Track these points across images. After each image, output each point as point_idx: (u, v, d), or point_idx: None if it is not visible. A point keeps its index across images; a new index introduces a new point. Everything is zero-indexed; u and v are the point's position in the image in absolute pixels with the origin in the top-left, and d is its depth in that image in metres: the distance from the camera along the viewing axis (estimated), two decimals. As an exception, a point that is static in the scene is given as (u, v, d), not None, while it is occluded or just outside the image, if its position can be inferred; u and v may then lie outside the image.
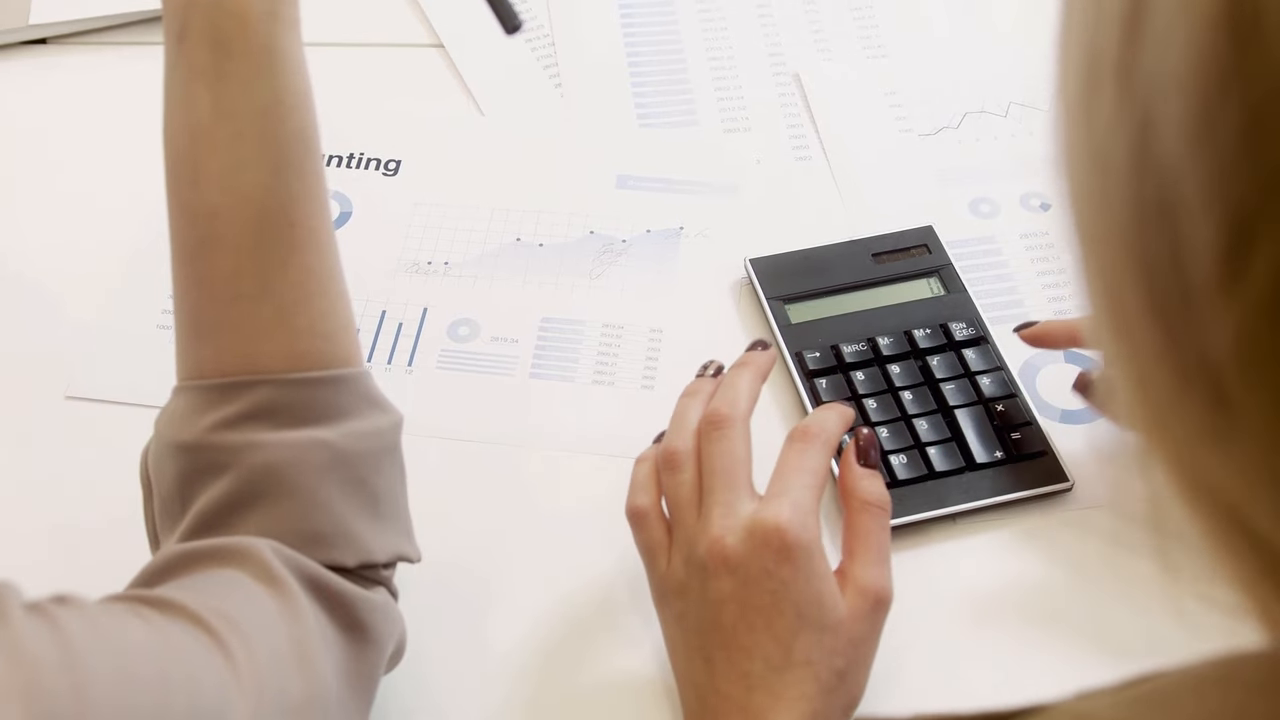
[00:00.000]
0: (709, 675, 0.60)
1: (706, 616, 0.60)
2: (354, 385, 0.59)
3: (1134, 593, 0.70)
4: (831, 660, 0.59)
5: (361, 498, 0.57)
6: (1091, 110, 0.30)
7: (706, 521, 0.61)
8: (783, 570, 0.59)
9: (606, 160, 0.93)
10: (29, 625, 0.43)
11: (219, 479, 0.56)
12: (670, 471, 0.64)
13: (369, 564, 0.58)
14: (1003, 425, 0.75)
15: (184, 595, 0.50)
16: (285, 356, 0.57)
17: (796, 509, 0.60)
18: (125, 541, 0.70)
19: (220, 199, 0.56)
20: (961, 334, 0.79)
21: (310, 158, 0.58)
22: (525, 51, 1.01)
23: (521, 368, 0.81)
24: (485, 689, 0.68)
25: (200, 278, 0.57)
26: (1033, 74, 0.98)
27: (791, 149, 0.95)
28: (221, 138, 0.56)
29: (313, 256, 0.58)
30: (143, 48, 1.02)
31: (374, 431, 0.59)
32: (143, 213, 0.89)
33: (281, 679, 0.50)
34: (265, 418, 0.56)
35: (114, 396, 0.80)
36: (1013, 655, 0.68)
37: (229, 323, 0.57)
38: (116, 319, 0.83)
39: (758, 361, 0.68)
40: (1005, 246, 0.88)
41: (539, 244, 0.88)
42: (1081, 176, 0.31)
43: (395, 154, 0.93)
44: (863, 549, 0.62)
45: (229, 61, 0.56)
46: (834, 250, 0.85)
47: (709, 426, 0.64)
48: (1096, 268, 0.31)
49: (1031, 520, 0.73)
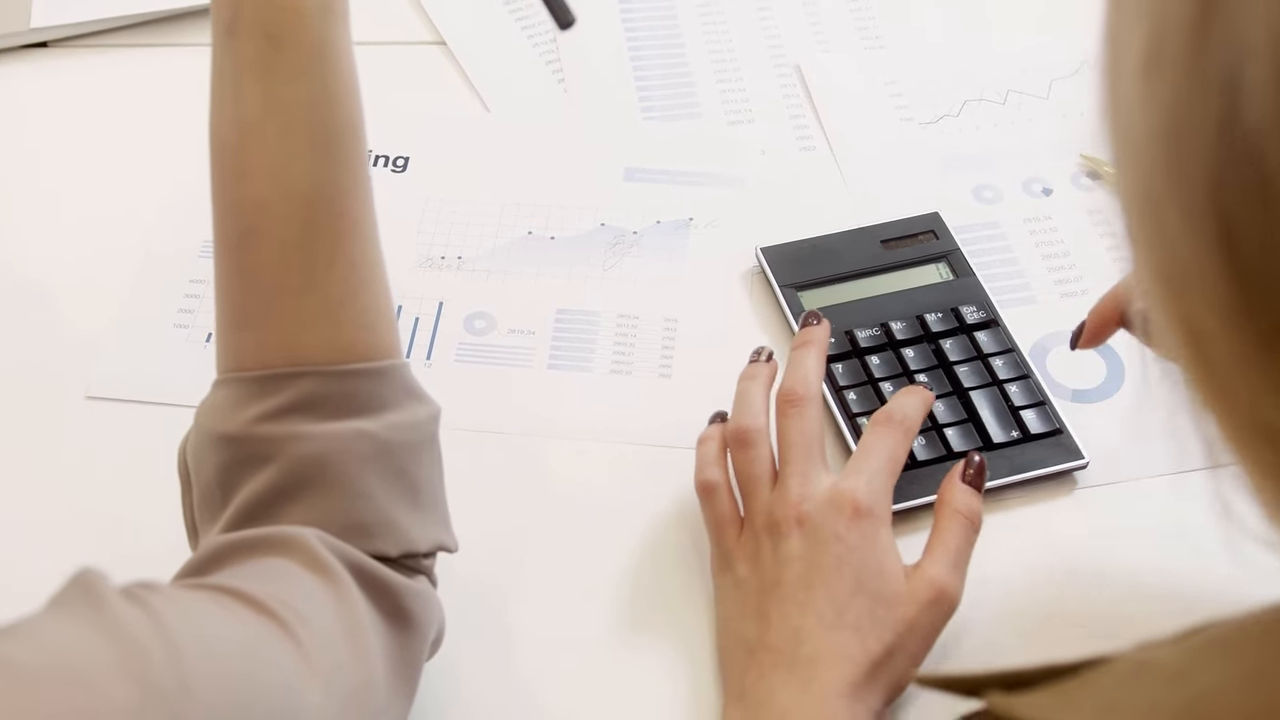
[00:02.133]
0: (761, 630, 0.63)
1: (771, 575, 0.64)
2: (395, 377, 0.59)
3: (1151, 567, 0.71)
4: (881, 632, 0.61)
5: (402, 488, 0.58)
6: (1157, 82, 0.31)
7: (784, 490, 0.65)
8: (851, 535, 0.63)
9: (613, 153, 0.94)
10: (127, 609, 0.43)
11: (263, 470, 0.56)
12: (743, 448, 0.68)
13: (411, 553, 0.58)
14: (1016, 406, 0.76)
15: (247, 583, 0.50)
16: (329, 348, 0.57)
17: (872, 484, 0.65)
18: (151, 538, 0.70)
19: (268, 192, 0.56)
20: (972, 317, 0.80)
21: (358, 150, 0.59)
22: (528, 48, 1.02)
23: (539, 359, 0.82)
24: (512, 677, 0.68)
25: (245, 270, 0.58)
26: (1029, 62, 1.00)
27: (795, 139, 0.96)
28: (271, 131, 0.56)
29: (358, 249, 0.58)
30: (146, 49, 1.02)
31: (414, 423, 0.59)
32: (151, 213, 0.90)
33: (340, 665, 0.51)
34: (309, 409, 0.56)
35: (134, 395, 0.80)
36: (1032, 634, 0.69)
37: (273, 315, 0.57)
38: (133, 319, 0.84)
39: (819, 339, 0.72)
40: (1009, 231, 0.89)
41: (551, 237, 0.89)
42: (1145, 146, 0.32)
43: (403, 151, 0.94)
44: (941, 550, 0.65)
45: (280, 54, 0.56)
46: (843, 238, 0.86)
47: (786, 404, 0.68)
48: (1161, 236, 0.32)
49: (1048, 498, 0.74)
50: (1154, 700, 0.35)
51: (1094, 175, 0.92)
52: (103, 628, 0.43)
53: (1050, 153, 0.94)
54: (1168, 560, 0.71)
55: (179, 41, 1.02)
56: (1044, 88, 0.99)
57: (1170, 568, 0.71)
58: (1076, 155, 0.93)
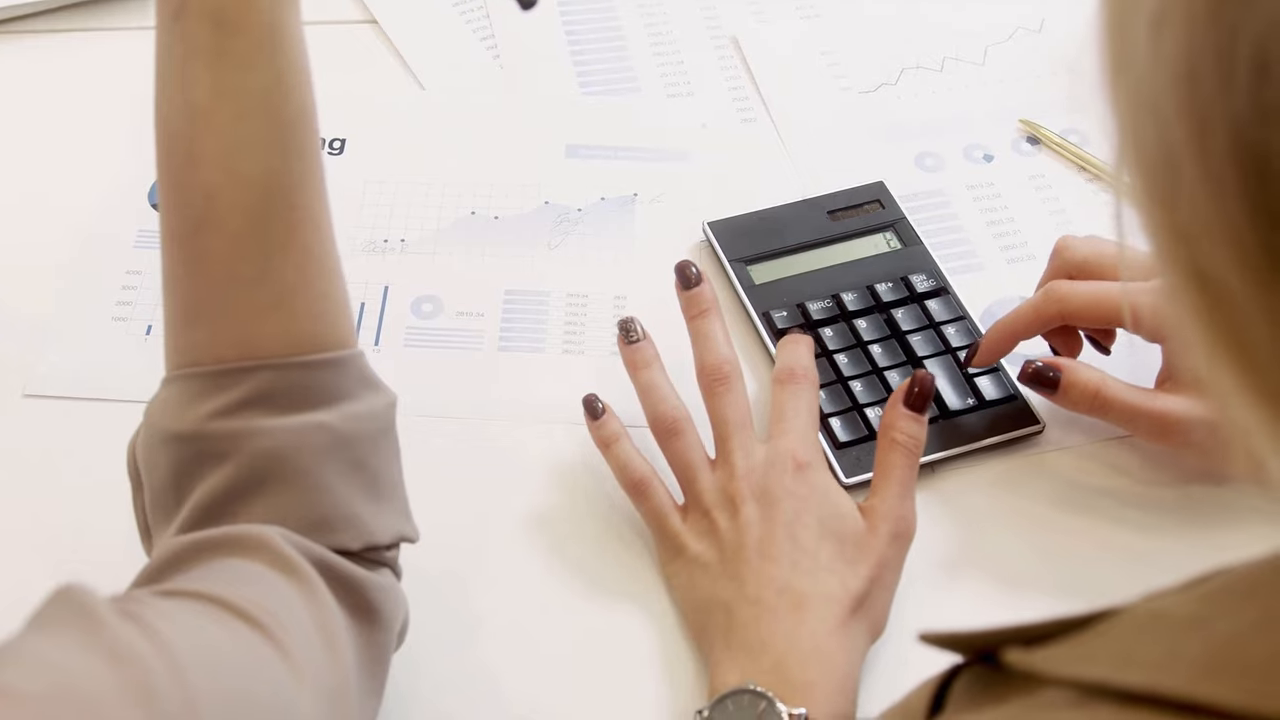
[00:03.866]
0: (738, 588, 0.64)
1: (733, 542, 0.65)
2: (351, 367, 0.58)
3: (1108, 529, 0.72)
4: (856, 569, 0.63)
5: (362, 480, 0.57)
6: (1173, 31, 0.30)
7: (730, 465, 0.67)
8: (800, 487, 0.65)
9: (554, 130, 0.93)
10: (124, 627, 0.42)
11: (219, 468, 0.55)
12: (674, 437, 0.69)
13: (373, 546, 0.57)
14: (971, 373, 0.77)
15: (223, 588, 0.49)
16: (284, 340, 0.56)
17: (802, 438, 0.67)
18: (97, 540, 0.69)
19: (219, 180, 0.55)
20: (923, 286, 0.81)
21: (312, 137, 0.57)
22: (460, 24, 1.01)
23: (490, 341, 0.81)
24: (475, 666, 0.68)
25: (195, 261, 0.56)
26: (964, 29, 1.00)
27: (736, 111, 0.95)
28: (222, 118, 0.55)
29: (312, 238, 0.57)
30: (80, 34, 0.99)
31: (370, 413, 0.58)
32: (83, 205, 0.87)
33: (320, 669, 0.50)
34: (265, 403, 0.55)
35: (74, 392, 0.78)
36: (999, 598, 0.70)
37: (226, 307, 0.56)
38: (71, 313, 0.81)
39: (711, 301, 0.72)
40: (954, 199, 0.89)
41: (494, 217, 0.88)
42: (1159, 99, 0.31)
43: (339, 133, 0.92)
44: (884, 483, 0.66)
45: (230, 39, 0.54)
46: (789, 210, 0.86)
47: (714, 384, 0.69)
48: (1177, 192, 0.31)
49: (1006, 463, 0.75)
50: (1170, 648, 0.35)
51: (1033, 140, 0.93)
52: (101, 649, 0.41)
53: (989, 119, 0.94)
54: (1127, 520, 0.72)
55: (114, 26, 0.99)
56: (980, 54, 0.99)
57: (1129, 527, 0.72)
58: (1015, 121, 0.94)
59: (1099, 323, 0.73)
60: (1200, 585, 0.37)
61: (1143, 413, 0.69)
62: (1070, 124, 0.93)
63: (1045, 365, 0.70)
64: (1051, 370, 0.70)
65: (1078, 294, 0.71)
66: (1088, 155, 0.91)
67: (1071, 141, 0.92)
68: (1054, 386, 0.70)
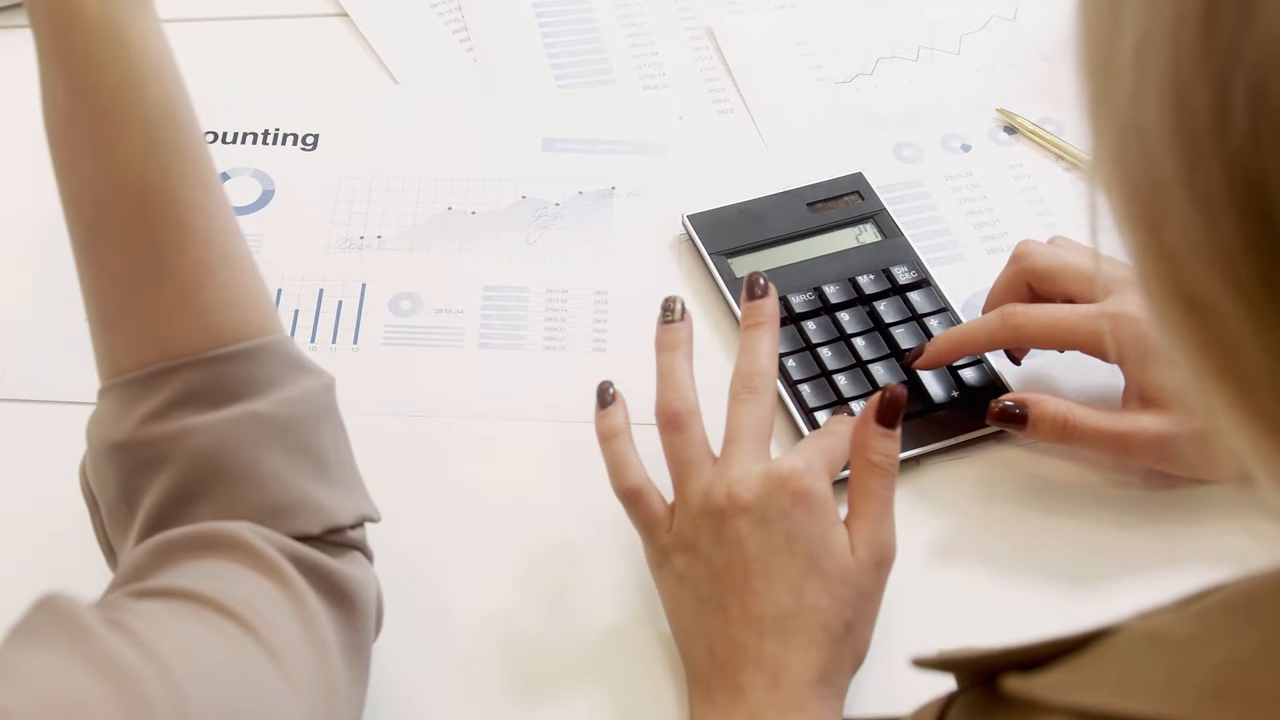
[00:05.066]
0: (722, 623, 0.61)
1: (720, 561, 0.62)
2: (274, 353, 0.57)
3: (1095, 520, 0.72)
4: (840, 609, 0.60)
5: (308, 463, 0.56)
6: (1157, 61, 0.30)
7: (726, 468, 0.63)
8: (797, 511, 0.61)
9: (530, 124, 0.92)
10: (112, 639, 0.41)
11: (160, 473, 0.54)
12: (675, 431, 0.65)
13: (334, 528, 0.56)
14: (955, 365, 0.76)
15: (204, 585, 0.48)
16: (198, 335, 0.55)
17: (810, 463, 0.63)
18: (69, 545, 0.68)
19: (96, 183, 0.54)
20: (904, 278, 0.80)
21: (181, 130, 0.56)
22: (432, 17, 1.00)
23: (469, 338, 0.80)
24: (453, 664, 0.67)
25: (97, 267, 0.56)
26: (938, 18, 1.00)
27: (712, 103, 0.95)
28: (82, 120, 0.54)
29: (205, 229, 0.56)
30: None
31: (305, 396, 0.57)
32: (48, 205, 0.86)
33: (308, 667, 0.49)
34: (192, 402, 0.54)
35: (47, 395, 0.77)
36: (990, 593, 0.70)
37: (134, 310, 0.55)
38: (41, 314, 0.80)
39: (770, 316, 0.69)
40: (933, 189, 0.89)
41: (471, 212, 0.87)
42: (1144, 128, 0.31)
43: (312, 128, 0.91)
44: (864, 506, 0.63)
45: (69, 40, 0.54)
46: (769, 202, 0.85)
47: (744, 390, 0.66)
48: (1166, 218, 0.31)
49: (991, 456, 0.75)
50: (1171, 672, 0.34)
51: (1010, 130, 0.93)
52: (91, 662, 0.40)
53: (966, 108, 0.94)
54: (1114, 512, 0.72)
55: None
56: (955, 44, 0.99)
57: (1117, 519, 0.72)
58: (992, 110, 0.94)
59: (1053, 347, 0.73)
60: (1196, 602, 0.37)
61: (1111, 435, 0.69)
62: (1046, 113, 0.93)
63: (1013, 404, 0.70)
64: (1018, 407, 0.69)
65: (1034, 321, 0.71)
66: (1064, 144, 0.91)
67: (1048, 130, 0.92)
68: (1023, 422, 0.69)
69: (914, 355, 0.75)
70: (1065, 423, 0.69)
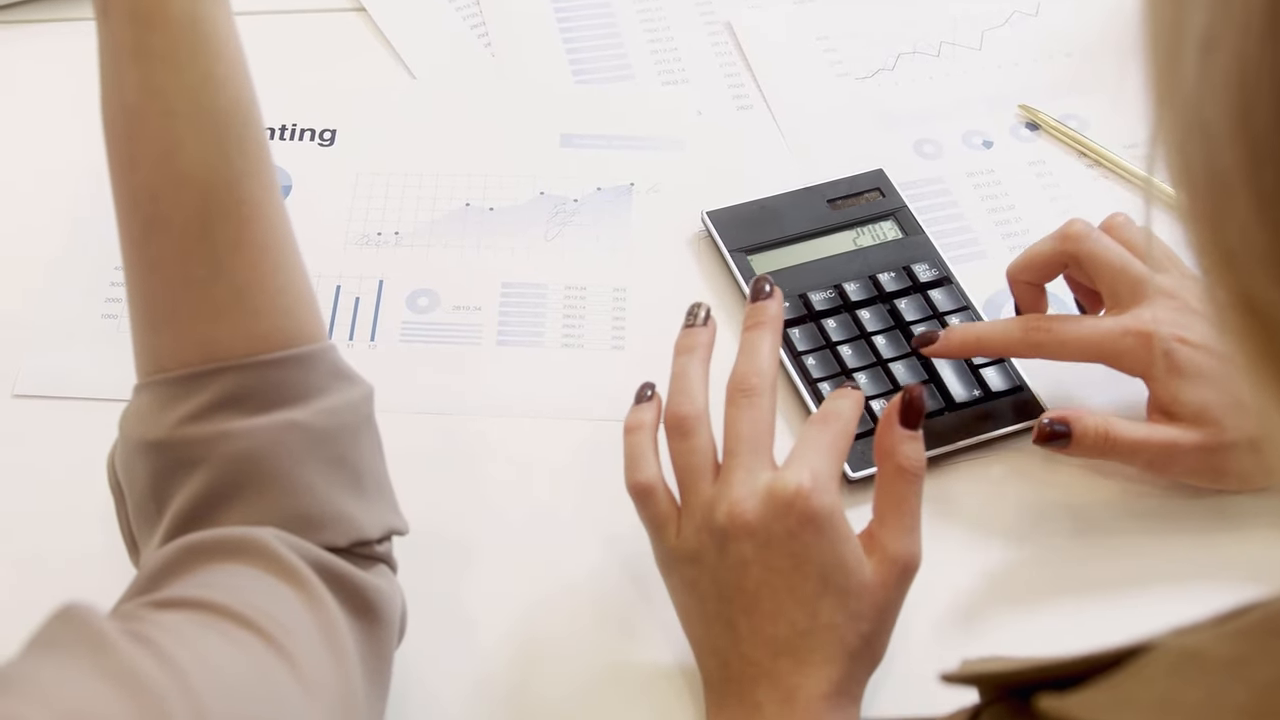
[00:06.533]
0: (733, 640, 0.60)
1: (727, 581, 0.60)
2: (320, 361, 0.57)
3: (1122, 520, 0.71)
4: (857, 624, 0.59)
5: (343, 475, 0.56)
6: (1224, 59, 0.29)
7: (726, 486, 0.60)
8: (805, 533, 0.59)
9: (548, 119, 0.92)
10: (133, 651, 0.41)
11: (194, 474, 0.54)
12: (681, 437, 0.63)
13: (362, 541, 0.56)
14: (976, 364, 0.76)
15: (224, 595, 0.48)
16: (246, 339, 0.55)
17: (816, 475, 0.59)
18: (87, 542, 0.68)
19: (160, 180, 0.54)
20: (925, 275, 0.80)
21: (250, 130, 0.56)
22: (450, 12, 0.99)
23: (487, 335, 0.80)
24: (472, 664, 0.67)
25: (150, 264, 0.55)
26: (959, 13, 0.99)
27: (732, 98, 0.94)
28: (153, 117, 0.54)
29: (264, 233, 0.55)
30: (63, 24, 0.97)
31: (346, 406, 0.57)
32: (75, 199, 0.86)
33: (327, 678, 0.49)
34: (233, 405, 0.54)
35: (63, 392, 0.76)
36: (1010, 594, 0.69)
37: (184, 309, 0.55)
38: (59, 312, 0.80)
39: (773, 317, 0.66)
40: (954, 186, 0.88)
41: (489, 208, 0.86)
42: (1209, 125, 0.30)
43: (329, 123, 0.91)
44: (894, 514, 0.61)
45: (150, 36, 0.53)
46: (789, 198, 0.85)
47: (739, 394, 0.63)
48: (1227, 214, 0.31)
49: (1012, 455, 0.74)
50: (1211, 694, 0.33)
51: (1033, 126, 0.92)
52: (111, 674, 0.40)
53: (988, 105, 0.93)
54: (1137, 512, 0.72)
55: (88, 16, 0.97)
56: (976, 39, 0.98)
57: (1140, 519, 0.71)
58: (1014, 106, 0.93)
59: (1085, 360, 0.72)
60: (1235, 620, 0.36)
61: (1148, 448, 0.68)
62: (1069, 109, 0.92)
63: (1055, 422, 0.68)
64: (1061, 425, 0.68)
65: (1055, 338, 0.70)
66: (1087, 140, 0.90)
67: (1070, 126, 0.91)
68: (1066, 440, 0.68)
69: (926, 340, 0.73)
70: (1106, 436, 0.68)
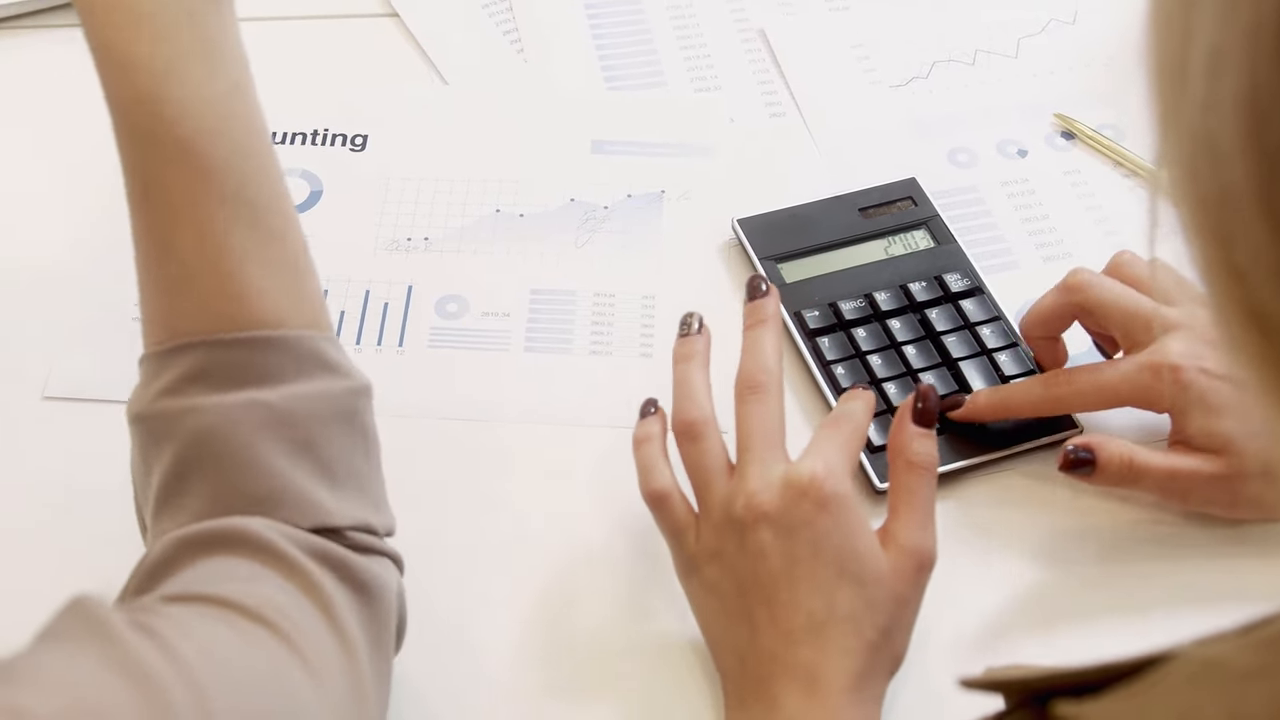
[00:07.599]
0: (751, 635, 0.60)
1: (745, 572, 0.60)
2: (299, 346, 0.56)
3: (1155, 534, 0.70)
4: (874, 616, 0.59)
5: (310, 461, 0.55)
6: (1232, 78, 0.29)
7: (742, 480, 0.62)
8: (821, 520, 0.60)
9: (579, 125, 0.91)
10: (139, 642, 0.41)
11: (165, 448, 0.55)
12: (691, 442, 0.64)
13: (328, 527, 0.55)
14: (1007, 375, 0.75)
15: (231, 589, 0.48)
16: (201, 318, 0.55)
17: (830, 464, 0.61)
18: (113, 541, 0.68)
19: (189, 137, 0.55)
20: (957, 285, 0.79)
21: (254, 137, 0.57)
22: (483, 17, 0.99)
23: (516, 342, 0.80)
24: (493, 667, 0.67)
25: (134, 239, 0.57)
26: (995, 21, 0.98)
27: (764, 106, 0.94)
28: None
29: (277, 221, 0.57)
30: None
31: (320, 394, 0.56)
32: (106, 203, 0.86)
33: (335, 667, 0.49)
34: (201, 380, 0.54)
35: (93, 394, 0.77)
36: (1040, 605, 0.69)
37: (152, 286, 0.56)
38: (89, 315, 0.80)
39: (772, 314, 0.68)
40: (987, 195, 0.88)
41: (519, 214, 0.86)
42: (1217, 143, 0.30)
43: (361, 129, 0.91)
44: (907, 509, 0.62)
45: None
46: (820, 207, 0.84)
47: (747, 391, 0.64)
48: (1235, 232, 0.30)
49: (1044, 467, 0.73)
50: (1231, 705, 0.33)
51: (1068, 135, 0.91)
52: (118, 667, 0.40)
53: (1022, 113, 0.93)
54: (1172, 526, 0.71)
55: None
56: (1012, 47, 0.97)
57: (1175, 534, 0.70)
58: (1049, 115, 0.92)
59: (1110, 407, 0.71)
60: (1258, 631, 0.35)
61: (1172, 475, 0.67)
62: (1105, 118, 0.91)
63: (1078, 448, 0.68)
64: (1086, 452, 0.68)
65: (1077, 390, 0.70)
66: (1124, 150, 0.89)
67: (1107, 136, 0.90)
68: (1091, 467, 0.68)
69: (951, 404, 0.73)
70: (1130, 464, 0.67)
